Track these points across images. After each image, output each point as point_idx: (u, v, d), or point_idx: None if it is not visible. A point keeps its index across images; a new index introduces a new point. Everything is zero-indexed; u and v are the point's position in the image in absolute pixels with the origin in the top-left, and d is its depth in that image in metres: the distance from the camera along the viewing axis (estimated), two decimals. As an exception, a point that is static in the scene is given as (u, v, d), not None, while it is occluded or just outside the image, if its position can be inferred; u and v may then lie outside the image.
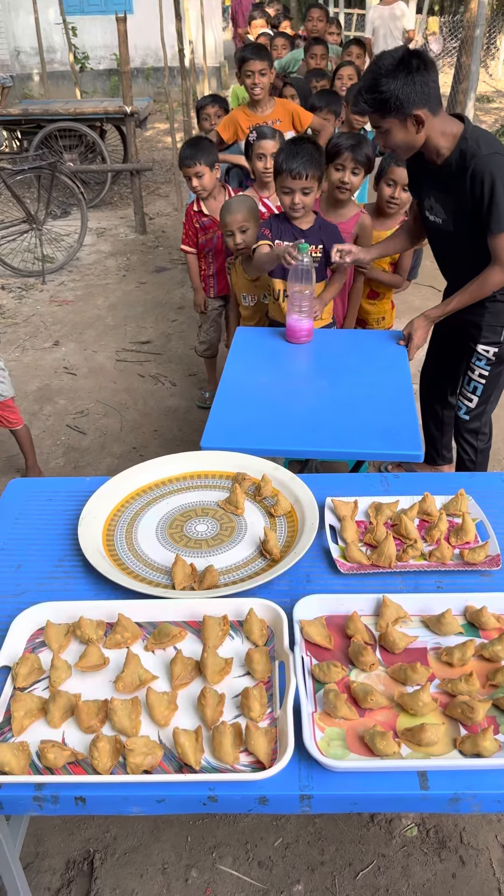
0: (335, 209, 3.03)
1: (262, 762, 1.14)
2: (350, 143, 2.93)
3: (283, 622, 1.35)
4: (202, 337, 3.84)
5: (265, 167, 3.25)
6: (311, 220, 2.76)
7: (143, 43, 11.65)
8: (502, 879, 1.85)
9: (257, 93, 3.89)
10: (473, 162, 2.25)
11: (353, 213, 3.05)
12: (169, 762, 1.16)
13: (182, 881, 1.85)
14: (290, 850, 1.91)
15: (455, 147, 2.30)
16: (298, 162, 2.56)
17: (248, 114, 4.01)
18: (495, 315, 2.52)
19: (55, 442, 3.71)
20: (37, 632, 1.40)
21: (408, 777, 1.14)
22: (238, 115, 4.04)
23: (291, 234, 2.72)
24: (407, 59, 2.15)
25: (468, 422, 2.74)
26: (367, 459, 2.58)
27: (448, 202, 2.42)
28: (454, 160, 2.31)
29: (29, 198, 6.51)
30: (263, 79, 3.84)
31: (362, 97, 2.22)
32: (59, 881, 1.86)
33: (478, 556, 1.54)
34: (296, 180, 2.60)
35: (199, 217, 3.53)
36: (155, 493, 1.81)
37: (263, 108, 4.00)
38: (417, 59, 2.15)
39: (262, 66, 3.80)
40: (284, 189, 2.64)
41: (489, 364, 2.61)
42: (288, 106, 4.10)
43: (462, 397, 2.74)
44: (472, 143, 2.27)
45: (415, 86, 2.15)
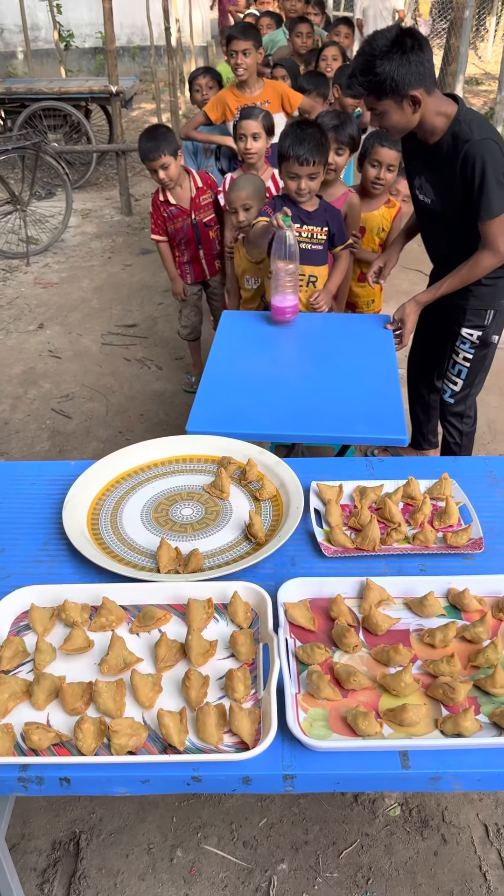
0: (323, 189, 3.01)
1: (246, 743, 1.15)
2: (333, 123, 2.91)
3: (268, 605, 1.36)
4: (184, 321, 3.82)
5: (246, 147, 3.22)
6: (316, 202, 2.75)
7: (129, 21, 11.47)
8: (483, 857, 1.89)
9: (241, 73, 3.84)
10: (466, 146, 2.24)
11: (340, 192, 3.04)
12: (153, 743, 1.17)
13: (167, 861, 1.87)
14: (274, 829, 1.94)
15: (448, 128, 2.28)
16: (305, 148, 2.54)
17: (237, 94, 3.97)
18: (480, 298, 2.52)
19: (40, 426, 3.69)
20: (21, 615, 1.40)
21: (389, 756, 1.15)
22: (226, 95, 4.01)
23: (298, 216, 2.71)
24: (401, 38, 2.12)
25: (453, 405, 2.76)
26: (352, 444, 2.59)
27: (438, 182, 2.42)
28: (447, 142, 2.30)
29: (13, 178, 6.43)
30: (247, 59, 3.79)
31: (356, 80, 2.19)
32: (46, 861, 1.88)
33: (461, 539, 1.55)
34: (303, 167, 2.58)
35: (166, 206, 3.44)
36: (140, 476, 1.80)
37: (252, 89, 3.96)
38: (411, 38, 2.13)
39: (245, 45, 3.75)
40: (291, 174, 2.62)
41: (473, 347, 2.62)
42: (277, 87, 4.07)
43: (447, 381, 2.76)
44: (465, 126, 2.26)
45: (410, 66, 2.13)
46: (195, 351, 3.95)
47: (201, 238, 3.51)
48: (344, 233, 2.79)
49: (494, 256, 2.35)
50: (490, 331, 2.60)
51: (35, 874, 1.85)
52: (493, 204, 2.26)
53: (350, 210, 3.03)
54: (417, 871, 1.85)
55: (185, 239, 3.52)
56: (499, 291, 2.51)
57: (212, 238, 3.54)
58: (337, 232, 2.75)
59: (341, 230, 2.77)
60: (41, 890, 1.82)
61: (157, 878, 1.84)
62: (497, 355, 4.24)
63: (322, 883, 1.83)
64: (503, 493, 1.75)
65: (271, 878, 1.83)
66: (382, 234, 3.17)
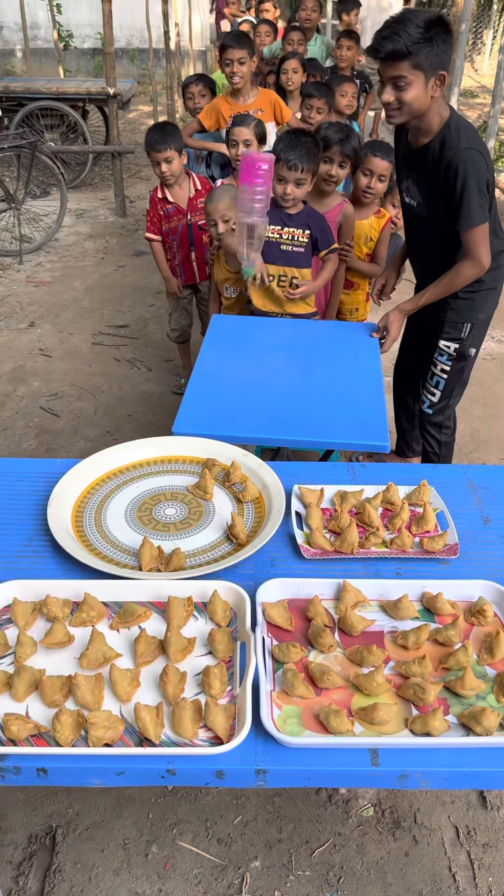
0: (319, 199, 3.06)
1: (221, 738, 1.18)
2: (339, 136, 2.96)
3: (246, 604, 1.39)
4: (173, 324, 3.86)
5: (237, 154, 3.25)
6: (300, 207, 2.80)
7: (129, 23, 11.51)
8: (453, 858, 1.92)
9: (236, 81, 3.87)
10: (451, 153, 2.27)
11: (336, 202, 3.09)
12: (130, 736, 1.19)
13: (142, 856, 1.89)
14: (248, 827, 1.96)
15: (439, 132, 2.31)
16: (296, 154, 2.60)
17: (231, 102, 4.00)
18: (457, 311, 2.56)
19: (28, 424, 3.71)
20: (3, 609, 1.42)
21: (359, 754, 1.18)
22: (220, 103, 4.04)
23: (279, 218, 2.75)
24: (440, 21, 2.13)
25: (431, 415, 2.80)
26: (335, 449, 2.63)
27: (423, 186, 2.44)
28: (434, 146, 2.32)
29: (8, 176, 6.44)
30: (243, 67, 3.81)
31: (401, 38, 2.07)
32: (21, 855, 1.89)
33: (436, 544, 1.59)
34: (291, 171, 2.63)
35: (164, 204, 3.47)
36: (125, 476, 1.83)
37: (245, 97, 3.99)
38: (447, 24, 2.15)
39: (241, 54, 3.77)
40: (279, 177, 2.67)
41: (450, 359, 2.66)
42: (271, 96, 4.11)
43: (426, 391, 2.79)
44: (453, 133, 2.28)
45: (446, 47, 2.14)
46: (184, 353, 3.98)
47: (194, 240, 3.54)
48: (328, 237, 2.82)
49: (475, 266, 2.39)
50: (467, 344, 2.63)
51: (11, 867, 1.87)
52: (473, 213, 2.29)
53: (344, 220, 3.08)
54: (388, 871, 1.88)
55: (178, 240, 3.55)
56: (476, 305, 2.55)
57: (204, 242, 3.57)
58: (320, 236, 2.79)
59: (325, 235, 2.81)
60: (16, 883, 1.83)
61: (131, 873, 1.86)
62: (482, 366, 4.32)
63: (294, 881, 1.85)
64: (480, 500, 1.79)
65: (244, 875, 1.86)
66: (370, 243, 3.21)
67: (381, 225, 3.19)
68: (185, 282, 3.70)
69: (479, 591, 1.47)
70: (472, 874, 1.88)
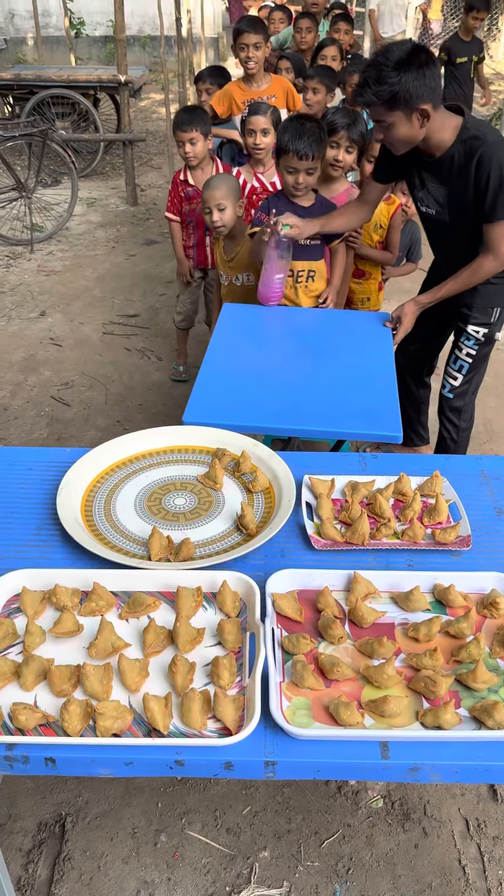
0: (327, 184, 3.03)
1: (229, 729, 1.17)
2: (346, 121, 2.92)
3: (256, 595, 1.37)
4: (179, 308, 3.85)
5: (255, 143, 3.23)
6: (312, 198, 2.77)
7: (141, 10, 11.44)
8: (463, 851, 1.91)
9: (251, 66, 3.86)
10: (481, 149, 2.27)
11: (343, 188, 3.06)
12: (138, 726, 1.19)
13: (151, 845, 1.90)
14: (258, 817, 1.96)
15: (456, 139, 2.31)
16: (305, 143, 2.56)
17: (243, 88, 3.97)
18: (486, 297, 2.56)
19: (39, 413, 3.71)
20: (12, 598, 1.42)
21: (369, 746, 1.17)
22: (233, 89, 4.01)
23: (294, 212, 2.72)
24: (416, 52, 2.16)
25: (452, 400, 2.79)
26: (347, 439, 2.61)
27: (445, 193, 2.44)
28: (457, 152, 2.32)
29: (19, 165, 6.42)
30: (258, 52, 3.80)
31: (370, 89, 2.18)
32: (31, 842, 1.90)
33: (449, 536, 1.57)
34: (302, 161, 2.59)
35: (185, 186, 3.49)
36: (135, 465, 1.82)
37: (259, 83, 3.96)
38: (425, 53, 2.17)
39: (256, 39, 3.76)
40: (289, 169, 2.64)
41: (478, 343, 2.67)
42: (284, 83, 4.07)
43: (447, 376, 2.79)
44: (475, 133, 2.29)
45: (423, 80, 2.15)
46: (182, 339, 3.97)
47: None
48: None
49: (496, 260, 2.38)
50: (495, 328, 2.65)
51: (20, 854, 1.88)
52: (499, 208, 2.29)
53: None
54: (397, 863, 1.88)
55: (195, 221, 3.55)
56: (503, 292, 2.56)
57: None
58: None
59: None
60: (26, 870, 1.84)
61: (140, 861, 1.86)
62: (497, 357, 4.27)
63: (303, 871, 1.85)
64: (493, 491, 1.76)
65: (253, 865, 1.86)
66: (381, 230, 3.18)
67: (392, 211, 3.15)
68: (198, 264, 3.70)
69: (492, 584, 1.45)
70: (482, 867, 1.88)
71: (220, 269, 3.15)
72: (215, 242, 3.18)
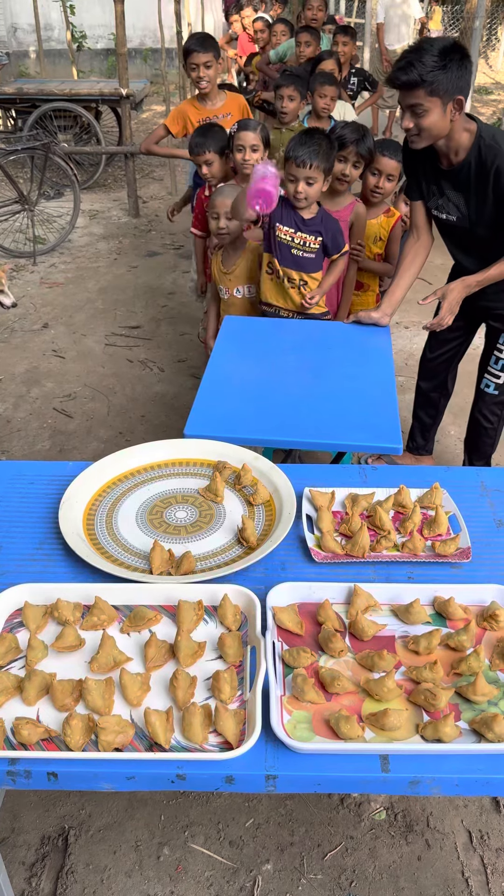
0: (331, 198, 3.04)
1: (230, 743, 1.18)
2: (355, 136, 2.94)
3: (257, 608, 1.38)
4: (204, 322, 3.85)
5: (243, 159, 3.23)
6: (315, 210, 2.78)
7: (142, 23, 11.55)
8: (466, 863, 1.91)
9: (203, 86, 3.78)
10: (498, 160, 2.33)
11: (348, 201, 3.08)
12: (140, 741, 1.19)
13: (154, 858, 1.90)
14: (260, 830, 1.96)
15: (473, 144, 2.37)
16: (305, 151, 2.58)
17: (198, 107, 3.90)
18: None
19: (42, 425, 3.72)
20: (15, 612, 1.43)
21: (370, 760, 1.18)
22: (187, 108, 3.94)
23: (294, 221, 2.74)
24: (458, 46, 2.22)
25: (498, 395, 2.87)
26: (347, 451, 2.62)
27: (465, 200, 2.50)
28: (473, 158, 2.38)
29: (22, 178, 6.47)
30: (209, 71, 3.72)
31: (416, 69, 2.18)
32: (34, 856, 1.90)
33: (449, 548, 1.57)
34: (300, 168, 2.61)
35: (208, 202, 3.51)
36: (136, 479, 1.83)
37: (213, 102, 3.89)
38: (463, 50, 2.23)
39: (206, 58, 3.68)
40: (290, 177, 2.66)
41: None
42: (239, 100, 4.03)
43: (490, 375, 2.86)
44: (490, 142, 2.36)
45: (463, 72, 2.21)
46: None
47: None
48: (339, 242, 2.80)
49: None
50: None
51: (23, 868, 1.88)
52: None
53: (357, 219, 3.07)
54: (400, 875, 1.88)
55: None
56: None
57: None
58: (331, 243, 2.77)
59: (336, 241, 2.78)
60: (29, 883, 1.85)
61: (143, 875, 1.86)
62: None
63: (306, 884, 1.85)
64: (493, 503, 1.77)
65: (256, 878, 1.86)
66: (380, 243, 3.20)
67: (391, 224, 3.17)
68: None
69: (492, 596, 1.46)
70: (486, 879, 1.87)
71: (219, 281, 3.17)
72: (214, 255, 3.20)
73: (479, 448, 3.00)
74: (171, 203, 4.27)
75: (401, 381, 3.83)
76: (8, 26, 12.21)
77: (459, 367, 3.15)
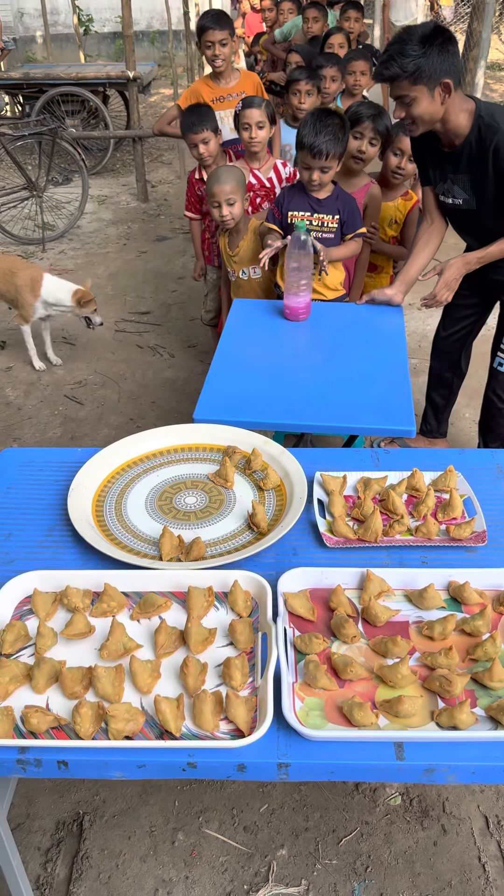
0: (347, 178, 2.99)
1: (242, 730, 1.16)
2: (371, 112, 2.89)
3: (268, 594, 1.36)
4: (207, 305, 3.82)
5: (250, 137, 3.18)
6: (330, 189, 2.72)
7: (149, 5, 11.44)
8: (482, 848, 1.90)
9: (219, 64, 3.73)
10: (496, 137, 2.31)
11: (363, 182, 3.03)
12: (150, 729, 1.18)
13: (169, 843, 1.90)
14: (275, 815, 1.96)
15: (473, 125, 2.35)
16: (322, 140, 2.52)
17: (211, 86, 3.87)
18: None
19: (53, 412, 3.71)
20: (24, 599, 1.42)
21: (384, 747, 1.16)
22: (200, 86, 3.90)
23: (308, 204, 2.69)
24: (438, 30, 2.21)
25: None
26: (360, 434, 2.58)
27: (469, 181, 2.48)
28: (474, 137, 2.36)
29: (30, 164, 6.44)
30: (225, 49, 3.68)
31: (396, 62, 2.20)
32: (49, 841, 1.91)
33: (463, 531, 1.55)
34: (316, 159, 2.56)
35: (200, 185, 3.46)
36: (145, 465, 1.81)
37: (227, 80, 3.85)
38: (445, 34, 2.21)
39: (222, 35, 3.63)
40: (304, 165, 2.61)
41: None
42: (253, 78, 3.99)
43: (502, 353, 2.82)
44: (489, 120, 2.33)
45: (447, 55, 2.19)
46: (216, 336, 3.95)
47: None
48: (356, 221, 2.76)
49: None
50: None
51: (39, 853, 1.88)
52: None
53: (371, 201, 3.01)
54: (416, 861, 1.86)
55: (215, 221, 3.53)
56: None
57: None
58: (348, 220, 2.72)
59: (353, 219, 2.74)
60: (44, 869, 1.85)
61: (158, 860, 1.86)
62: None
63: (321, 869, 1.84)
64: (509, 486, 1.74)
65: (271, 863, 1.85)
66: (395, 226, 3.14)
67: (408, 208, 3.11)
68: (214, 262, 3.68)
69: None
70: (503, 864, 1.86)
71: (227, 264, 3.13)
72: (220, 237, 3.16)
73: (494, 430, 2.96)
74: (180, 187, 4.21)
75: (414, 364, 3.78)
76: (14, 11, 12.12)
77: (474, 348, 3.11)
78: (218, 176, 2.91)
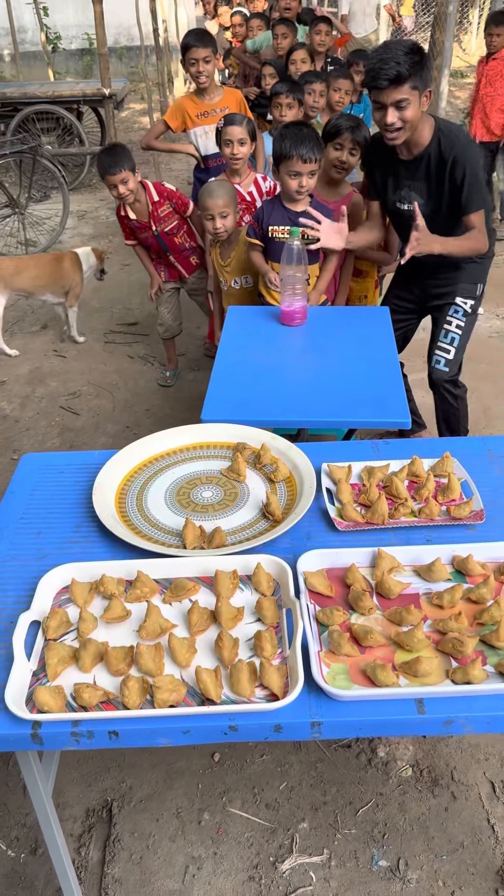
0: (330, 188, 3.12)
1: (276, 694, 1.27)
2: (350, 124, 3.02)
3: (288, 574, 1.48)
4: (160, 320, 3.97)
5: (232, 153, 3.30)
6: (307, 202, 2.85)
7: (116, 21, 11.51)
8: (491, 811, 2.02)
9: (203, 80, 3.85)
10: (454, 151, 2.55)
11: (346, 191, 3.16)
12: (192, 698, 1.29)
13: (196, 823, 1.99)
14: (294, 792, 2.06)
15: (433, 137, 2.58)
16: (307, 147, 2.66)
17: (196, 102, 3.98)
18: (471, 274, 2.86)
19: (49, 423, 3.80)
20: (62, 590, 1.52)
21: (406, 704, 1.28)
22: (185, 103, 4.02)
23: (286, 217, 2.81)
24: (419, 47, 2.42)
25: (448, 371, 2.95)
26: (357, 428, 2.71)
27: (425, 188, 2.68)
28: (433, 150, 2.59)
29: (7, 181, 6.52)
30: (208, 66, 3.81)
31: (400, 65, 2.36)
32: (81, 827, 2.00)
33: (463, 511, 1.67)
34: (306, 164, 2.68)
35: (128, 221, 3.59)
36: (161, 463, 1.92)
37: (211, 96, 3.97)
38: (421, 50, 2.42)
39: (206, 53, 3.76)
40: (292, 173, 2.71)
41: (465, 315, 2.91)
42: (236, 95, 4.11)
43: (440, 351, 2.95)
44: (448, 134, 2.58)
45: (427, 67, 2.43)
46: (170, 348, 4.10)
47: (167, 246, 3.66)
48: None
49: (480, 241, 2.67)
50: (478, 303, 2.92)
51: (72, 839, 1.97)
52: (478, 198, 2.62)
53: (354, 209, 3.14)
54: (430, 826, 1.98)
55: (153, 248, 3.70)
56: (484, 270, 2.90)
57: (178, 243, 3.68)
58: None
59: None
60: (78, 853, 1.94)
61: (186, 839, 1.96)
62: (493, 345, 4.39)
63: (341, 839, 1.95)
64: (501, 469, 1.87)
65: (294, 836, 1.96)
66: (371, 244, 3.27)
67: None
68: (170, 278, 3.85)
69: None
70: (510, 825, 1.98)
71: (219, 274, 3.25)
72: (212, 248, 3.28)
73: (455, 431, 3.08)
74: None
75: (398, 363, 3.91)
76: (-19, 31, 12.18)
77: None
78: (211, 190, 3.03)
